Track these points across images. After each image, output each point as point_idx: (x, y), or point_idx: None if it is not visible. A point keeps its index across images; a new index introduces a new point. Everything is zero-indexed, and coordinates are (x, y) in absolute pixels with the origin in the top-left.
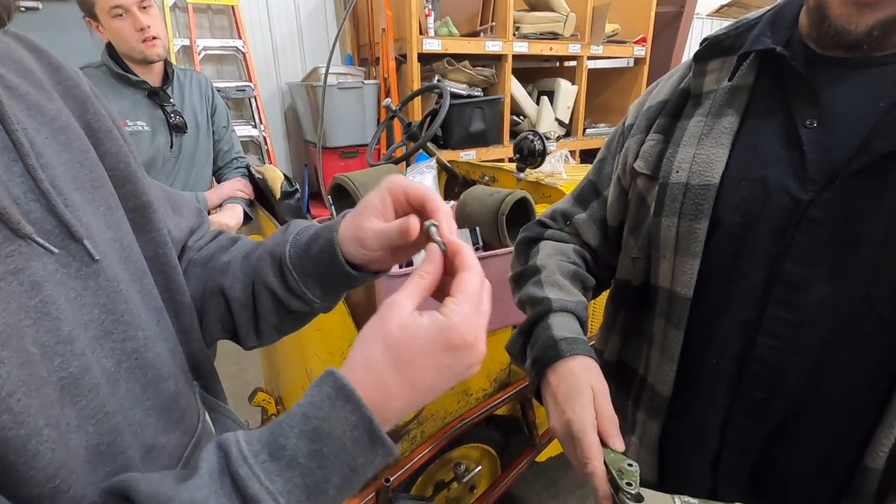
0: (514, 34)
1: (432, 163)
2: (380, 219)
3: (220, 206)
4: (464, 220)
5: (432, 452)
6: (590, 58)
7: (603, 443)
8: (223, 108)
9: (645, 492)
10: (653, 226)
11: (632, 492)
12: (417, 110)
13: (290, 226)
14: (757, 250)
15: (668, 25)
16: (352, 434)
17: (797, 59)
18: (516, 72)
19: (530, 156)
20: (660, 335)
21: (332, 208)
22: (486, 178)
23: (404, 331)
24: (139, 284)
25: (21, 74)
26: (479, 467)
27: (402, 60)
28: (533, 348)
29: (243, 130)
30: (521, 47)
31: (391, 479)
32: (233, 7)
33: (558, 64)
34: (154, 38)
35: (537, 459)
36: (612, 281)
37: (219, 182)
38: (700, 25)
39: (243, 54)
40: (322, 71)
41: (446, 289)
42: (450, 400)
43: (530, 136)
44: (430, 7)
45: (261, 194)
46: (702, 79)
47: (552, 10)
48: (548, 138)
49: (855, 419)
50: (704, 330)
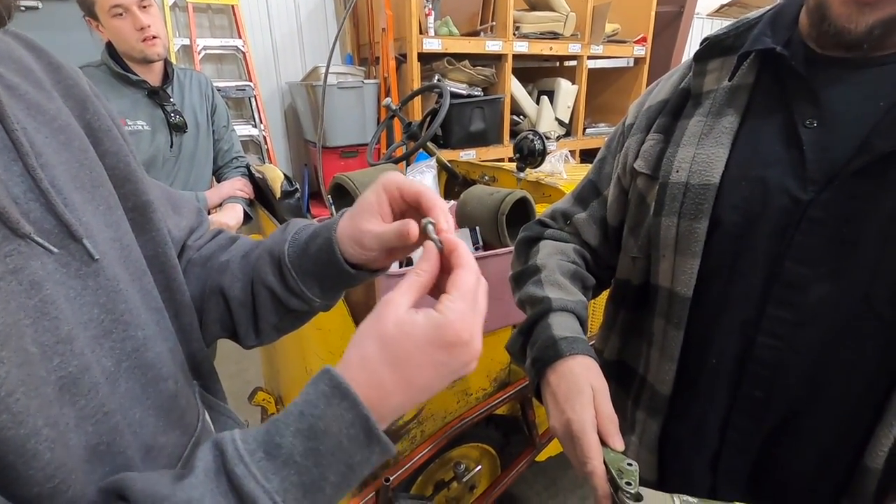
0: (514, 34)
1: (432, 162)
2: (377, 218)
3: (220, 205)
4: (464, 219)
5: (432, 452)
6: (590, 57)
7: (603, 442)
8: (223, 107)
9: (644, 491)
10: (653, 225)
11: (631, 491)
12: (417, 110)
13: (288, 225)
14: (757, 250)
15: (669, 25)
16: (348, 432)
17: (797, 58)
18: (516, 71)
19: (530, 155)
20: (660, 335)
21: (332, 208)
22: (486, 177)
23: (400, 328)
24: (139, 284)
25: (21, 74)
26: (479, 467)
27: (402, 60)
28: (533, 348)
29: (243, 130)
30: (522, 47)
31: (391, 479)
32: (233, 6)
33: (558, 64)
34: (154, 37)
35: (537, 459)
36: (612, 280)
37: (219, 181)
38: (700, 25)
39: (243, 54)
40: (322, 70)
41: (443, 286)
42: (450, 399)
43: (530, 136)
44: (430, 6)
45: (261, 194)
46: (702, 78)
47: (552, 9)
48: (548, 138)
49: (855, 419)
50: (704, 329)
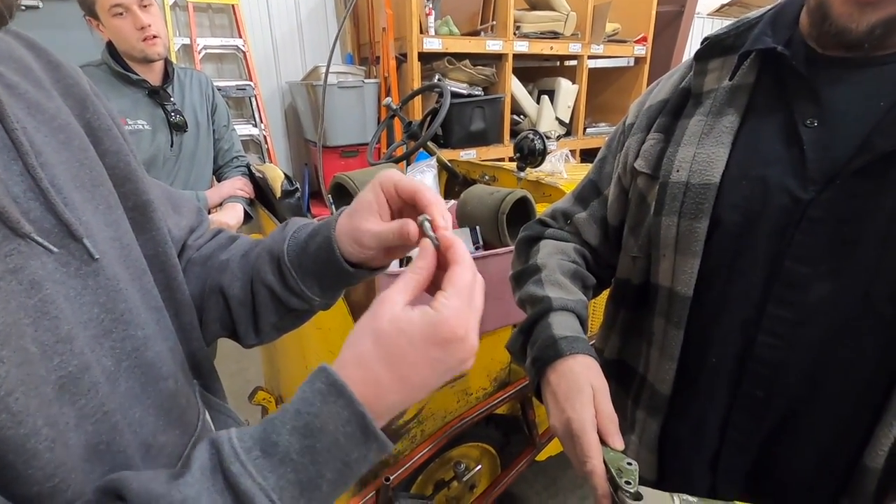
0: (514, 33)
1: (433, 162)
2: (375, 216)
3: (220, 204)
4: (464, 219)
5: (432, 451)
6: (590, 57)
7: (602, 441)
8: (223, 106)
9: (644, 490)
10: (653, 225)
11: (631, 490)
12: (418, 109)
13: (288, 224)
14: (757, 249)
15: (669, 25)
16: (344, 429)
17: (798, 58)
18: (517, 71)
19: (531, 155)
20: (660, 334)
21: (333, 207)
22: (487, 177)
23: (395, 325)
24: (139, 283)
25: (21, 73)
26: (479, 466)
27: (402, 59)
28: (533, 347)
29: (244, 129)
30: (522, 46)
31: (391, 478)
32: (233, 6)
33: (559, 63)
34: (154, 36)
35: (537, 458)
36: (613, 280)
37: (219, 181)
38: (701, 25)
39: (244, 53)
40: (322, 70)
41: (440, 283)
42: (450, 399)
43: (531, 136)
44: (430, 6)
45: (261, 193)
46: (702, 78)
47: (553, 9)
48: (548, 137)
49: (854, 418)
50: (704, 329)
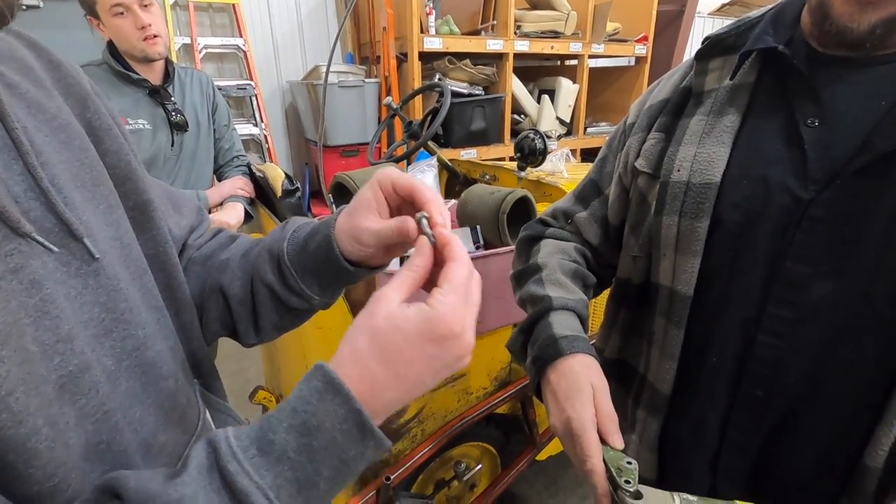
0: (515, 33)
1: (433, 161)
2: (374, 215)
3: (221, 204)
4: (465, 218)
5: (433, 451)
6: (591, 56)
7: (602, 440)
8: (224, 106)
9: (644, 489)
10: (654, 224)
11: (630, 489)
12: (418, 109)
13: (287, 223)
14: (757, 249)
15: (670, 24)
16: (341, 427)
17: (799, 57)
18: (517, 70)
19: (531, 154)
20: (660, 333)
21: (333, 207)
22: (487, 176)
23: (390, 322)
24: (139, 283)
25: (21, 72)
26: (480, 466)
27: (402, 59)
28: (533, 346)
29: (244, 129)
30: (523, 46)
31: (391, 478)
32: (234, 5)
33: (559, 63)
34: (155, 36)
35: (538, 458)
36: (613, 279)
37: (220, 180)
38: (701, 24)
39: (244, 52)
40: (323, 69)
41: (437, 280)
42: (450, 398)
43: (531, 135)
44: (431, 5)
45: (262, 193)
46: (703, 77)
47: (553, 8)
48: (549, 137)
49: (854, 418)
50: (705, 328)
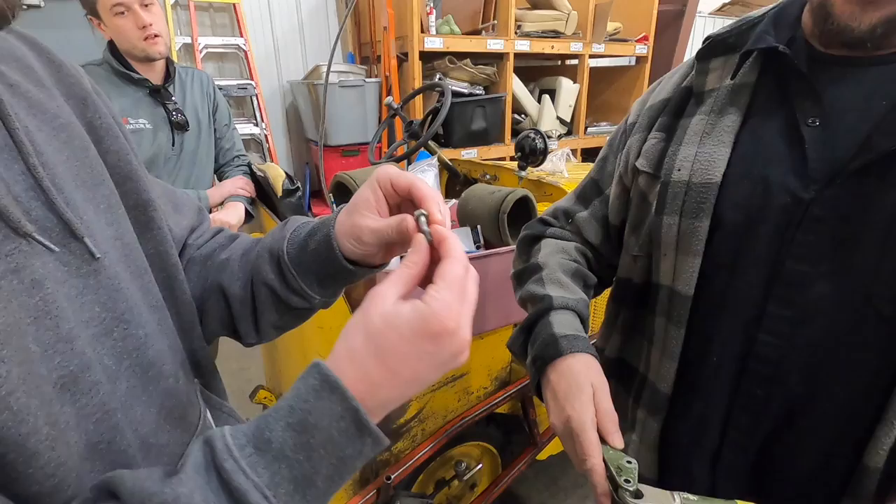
0: (515, 32)
1: (434, 161)
2: (374, 213)
3: (221, 203)
4: (465, 218)
5: (433, 450)
6: (591, 56)
7: (602, 440)
8: (225, 105)
9: (645, 488)
10: (654, 224)
11: (630, 488)
12: (419, 109)
13: (287, 222)
14: (758, 248)
15: (670, 24)
16: (338, 425)
17: (800, 57)
18: (518, 70)
19: (532, 154)
20: (661, 333)
21: (334, 206)
22: (488, 176)
23: (385, 320)
24: (140, 282)
25: (22, 72)
26: (480, 465)
27: (403, 59)
28: (534, 345)
29: (245, 128)
30: (523, 46)
31: (392, 477)
32: (234, 5)
33: (560, 62)
34: (156, 35)
35: (538, 458)
36: (614, 279)
37: (220, 180)
38: (702, 24)
39: (245, 52)
40: (323, 69)
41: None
42: (450, 398)
43: (532, 135)
44: (431, 5)
45: (262, 192)
46: (704, 77)
47: (554, 8)
48: (549, 137)
49: (855, 417)
50: (705, 328)
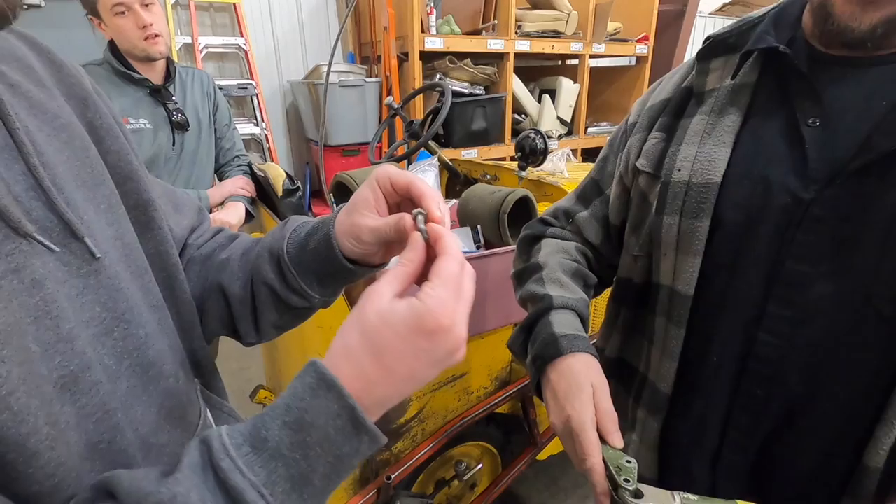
0: (516, 32)
1: (434, 161)
2: (373, 212)
3: (222, 203)
4: (465, 218)
5: (433, 450)
6: (592, 56)
7: (602, 439)
8: (225, 105)
9: (645, 488)
10: (654, 224)
11: (630, 488)
12: (419, 109)
13: (287, 222)
14: (758, 248)
15: (671, 24)
16: (335, 423)
17: (800, 57)
18: (518, 70)
19: (532, 154)
20: (661, 333)
21: (334, 206)
22: (488, 176)
23: (380, 317)
24: (140, 282)
25: (22, 72)
26: (480, 465)
27: (403, 59)
28: (534, 345)
29: (245, 128)
30: (523, 46)
31: (392, 477)
32: (234, 4)
33: (560, 62)
34: (156, 35)
35: (538, 458)
36: (614, 279)
37: (221, 180)
38: (703, 24)
39: (245, 52)
40: (324, 69)
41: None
42: (451, 398)
43: (532, 135)
44: (431, 5)
45: (263, 192)
46: (704, 77)
47: (554, 8)
48: (549, 137)
49: (855, 417)
50: (705, 328)
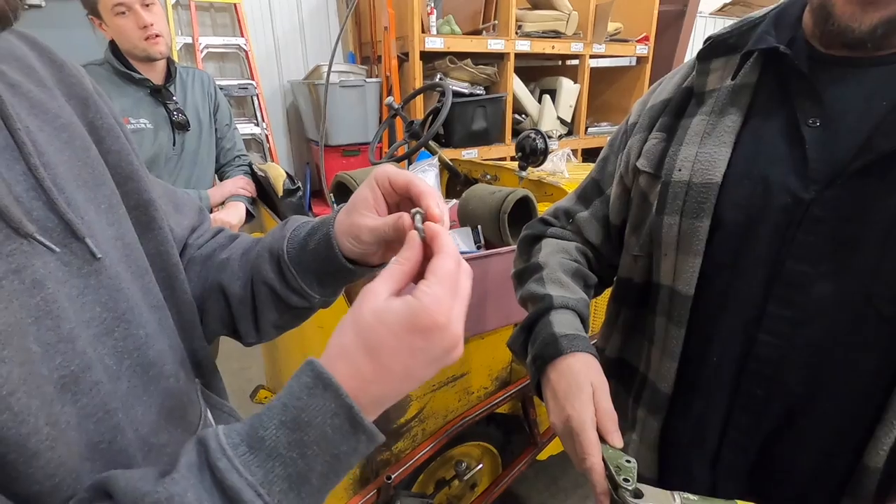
0: (516, 32)
1: (434, 161)
2: (372, 212)
3: (222, 203)
4: (466, 218)
5: (433, 450)
6: (592, 56)
7: (602, 439)
8: (225, 105)
9: (645, 488)
10: (655, 224)
11: (629, 487)
12: (419, 109)
13: (287, 222)
14: (758, 249)
15: (671, 24)
16: (332, 422)
17: (800, 57)
18: (518, 70)
19: (532, 154)
20: (661, 333)
21: (334, 206)
22: (488, 176)
23: (375, 315)
24: (140, 282)
25: (23, 72)
26: (480, 465)
27: (404, 59)
28: (534, 345)
29: (245, 128)
30: (524, 46)
31: (392, 477)
32: (235, 5)
33: (560, 62)
34: (157, 35)
35: (538, 458)
36: (614, 279)
37: (221, 180)
38: (703, 24)
39: (245, 52)
40: (324, 69)
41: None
42: (451, 398)
43: (532, 135)
44: (432, 5)
45: (263, 192)
46: (705, 77)
47: (555, 8)
48: (550, 137)
49: (855, 418)
50: (705, 328)
